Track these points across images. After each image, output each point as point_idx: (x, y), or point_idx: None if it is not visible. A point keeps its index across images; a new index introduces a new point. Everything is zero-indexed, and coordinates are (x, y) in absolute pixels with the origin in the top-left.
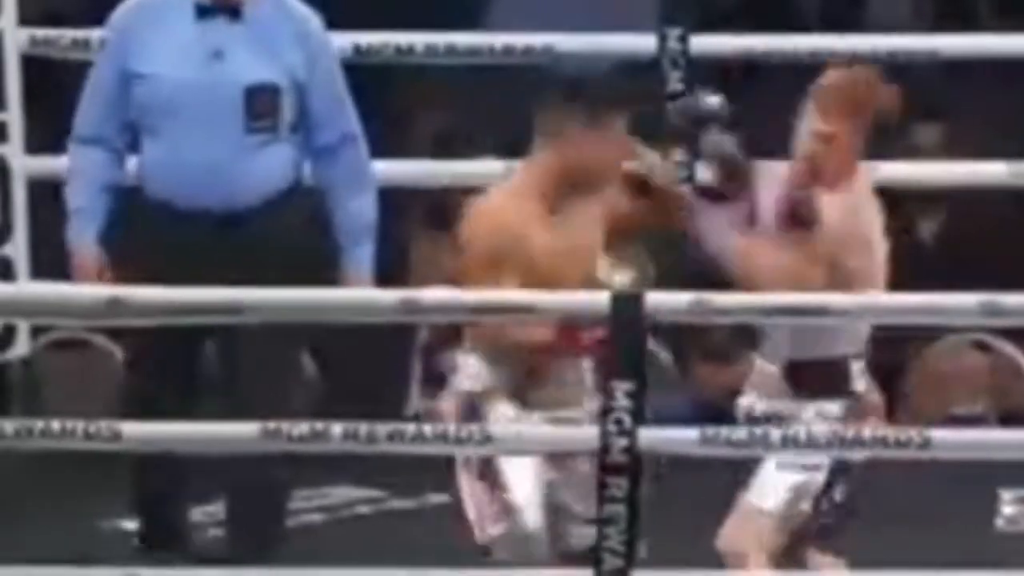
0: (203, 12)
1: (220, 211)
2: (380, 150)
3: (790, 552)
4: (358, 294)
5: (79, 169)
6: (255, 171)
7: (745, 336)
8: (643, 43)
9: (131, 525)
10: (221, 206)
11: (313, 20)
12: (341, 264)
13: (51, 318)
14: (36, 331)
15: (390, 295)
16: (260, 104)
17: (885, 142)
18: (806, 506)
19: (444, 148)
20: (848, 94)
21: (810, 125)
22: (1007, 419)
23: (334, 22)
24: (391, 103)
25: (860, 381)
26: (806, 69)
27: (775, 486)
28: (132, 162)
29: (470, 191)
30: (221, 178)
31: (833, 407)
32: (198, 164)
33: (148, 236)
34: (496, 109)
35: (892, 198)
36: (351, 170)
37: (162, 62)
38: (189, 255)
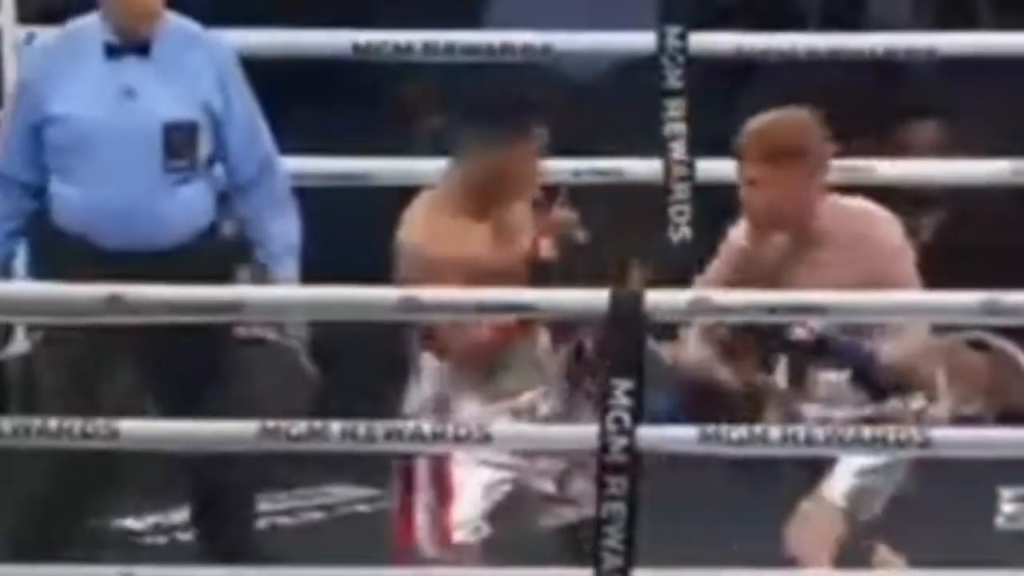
0: (112, 51)
1: (141, 250)
2: (380, 150)
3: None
4: (357, 292)
5: None
6: (175, 210)
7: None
8: (642, 41)
9: (129, 523)
10: (141, 245)
11: (223, 47)
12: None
13: (49, 317)
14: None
15: (389, 293)
16: (177, 142)
17: (885, 140)
18: (878, 507)
19: (443, 148)
20: (771, 139)
21: (737, 170)
22: (1006, 418)
23: (333, 20)
24: (391, 102)
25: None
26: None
27: (848, 481)
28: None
29: None
30: (140, 218)
31: (915, 401)
32: (115, 204)
33: (70, 272)
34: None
35: (892, 197)
36: (272, 196)
37: (74, 103)
38: None
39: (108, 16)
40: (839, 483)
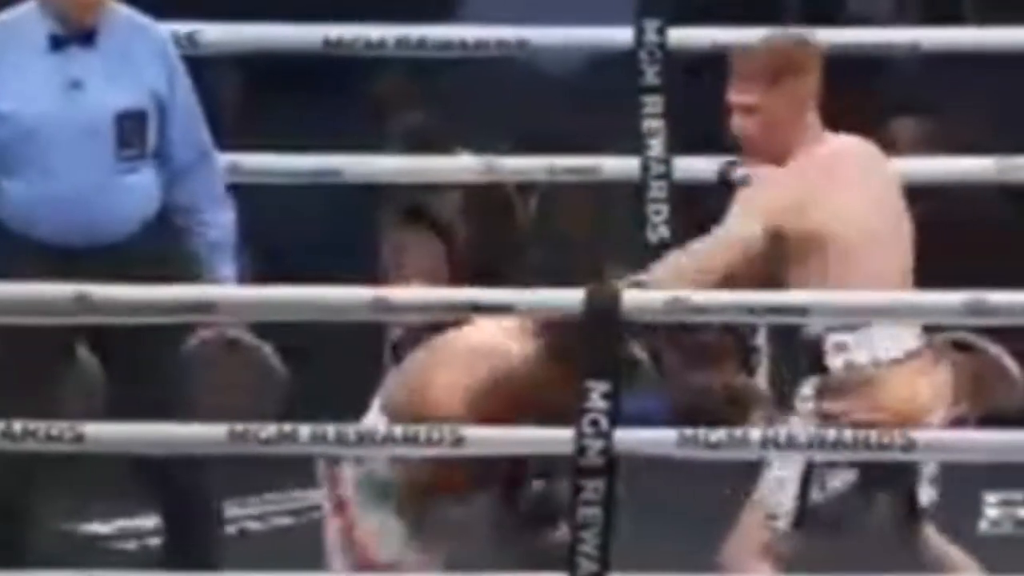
0: (57, 43)
1: (91, 243)
2: (353, 146)
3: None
4: (330, 292)
5: None
6: (127, 200)
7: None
8: (619, 36)
9: (95, 528)
10: (94, 238)
11: (167, 39)
12: (210, 280)
13: (14, 317)
14: None
15: (362, 293)
16: (129, 132)
17: (867, 137)
18: (788, 500)
19: (417, 145)
20: (764, 62)
21: (729, 97)
22: (989, 420)
23: (299, 14)
24: (363, 99)
25: (837, 357)
26: None
27: (771, 487)
28: None
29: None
30: (93, 210)
31: (806, 388)
32: (67, 198)
33: (17, 269)
34: (470, 106)
35: None
36: (210, 187)
37: (19, 98)
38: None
39: (53, 6)
40: (773, 494)
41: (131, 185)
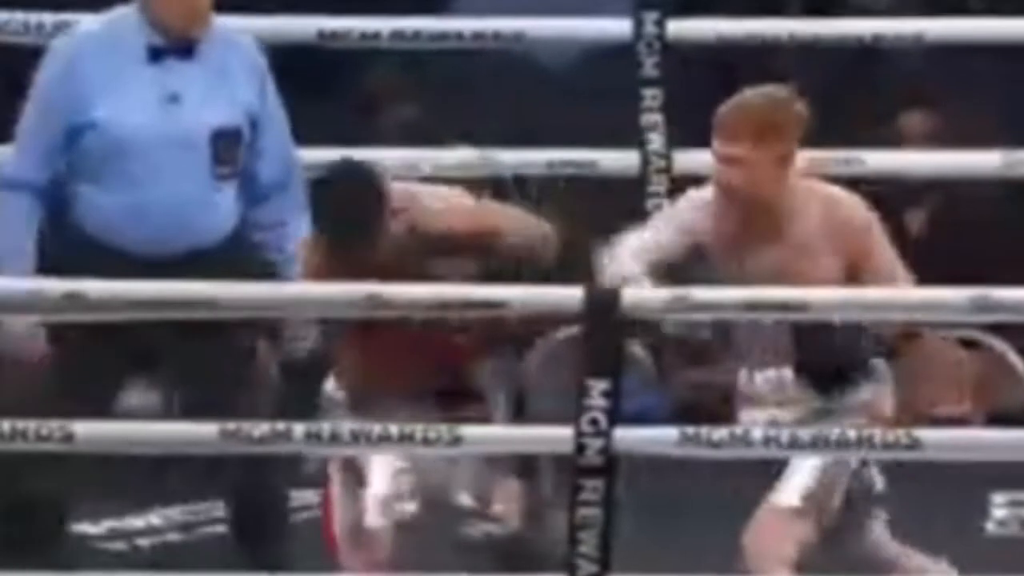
0: (156, 54)
1: (174, 255)
2: (348, 139)
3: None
4: (324, 289)
5: (12, 213)
6: (215, 215)
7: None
8: (618, 28)
9: (84, 528)
10: (178, 250)
11: (256, 49)
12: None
13: (4, 314)
14: None
15: (357, 289)
16: (224, 149)
17: (873, 130)
18: (837, 500)
19: (412, 138)
20: (753, 117)
21: (714, 148)
22: (996, 419)
23: (297, 5)
24: (356, 92)
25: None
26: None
27: (803, 480)
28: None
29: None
30: (182, 224)
31: (866, 395)
32: (157, 211)
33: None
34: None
35: (879, 189)
36: (296, 199)
37: (116, 109)
38: None
39: (155, 17)
40: (794, 484)
41: (219, 200)
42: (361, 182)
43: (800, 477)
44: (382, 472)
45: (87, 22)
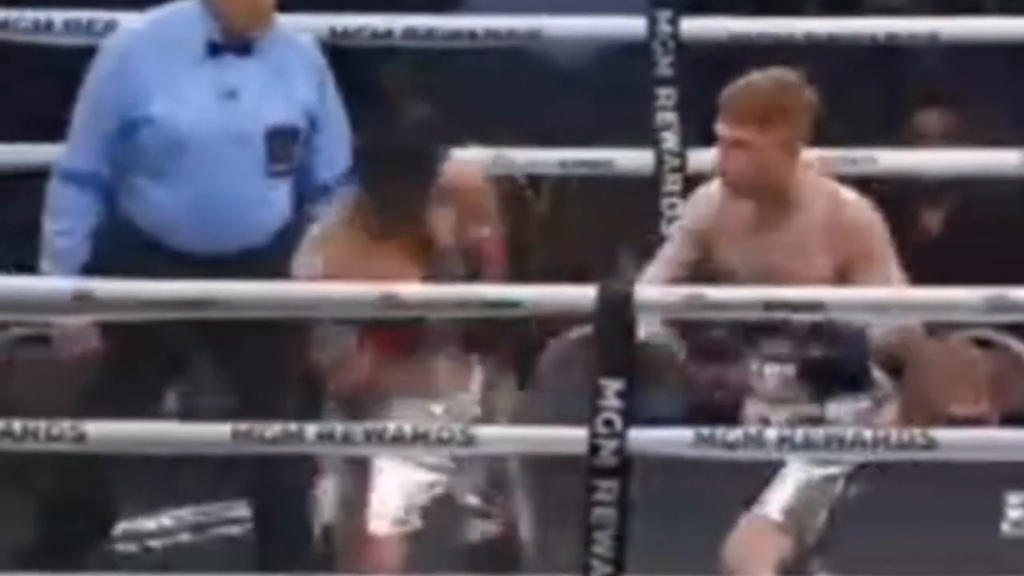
0: (214, 50)
1: (223, 252)
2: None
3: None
4: (337, 288)
5: (68, 208)
6: (267, 212)
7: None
8: (632, 26)
9: None
10: (228, 247)
11: (318, 50)
12: None
13: (12, 313)
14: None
15: (371, 289)
16: (280, 148)
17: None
18: (823, 518)
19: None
20: (758, 99)
21: (719, 131)
22: (1012, 419)
23: (310, 3)
24: (369, 91)
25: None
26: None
27: (787, 496)
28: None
29: None
30: (235, 221)
31: (862, 404)
32: (210, 207)
33: (143, 275)
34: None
35: (896, 188)
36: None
37: (171, 103)
38: None
39: (218, 12)
40: (777, 497)
41: (272, 199)
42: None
43: (784, 492)
44: (393, 480)
45: (134, 19)
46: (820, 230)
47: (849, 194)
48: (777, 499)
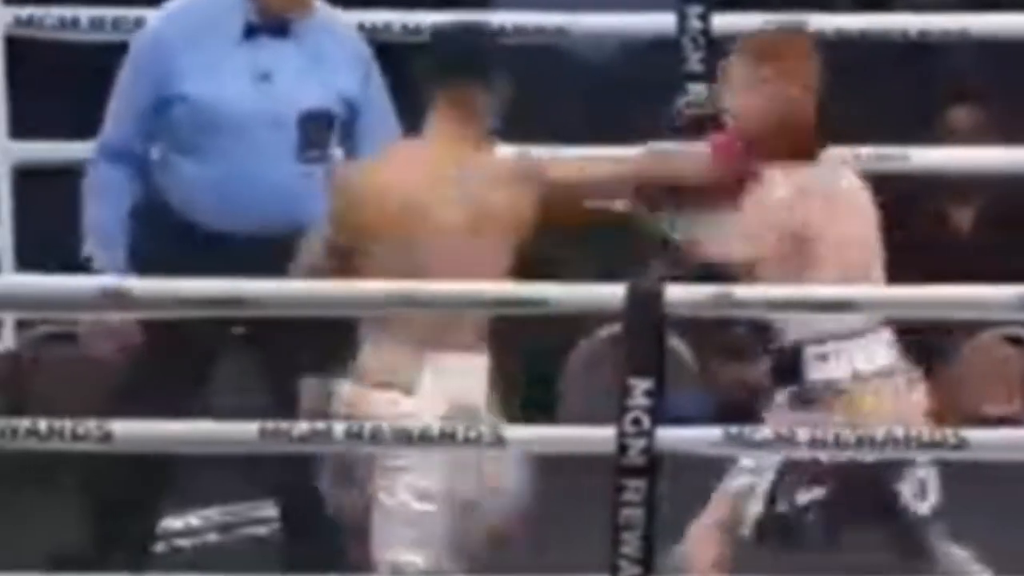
0: (251, 31)
1: (253, 235)
2: None
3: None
4: (361, 286)
5: (109, 185)
6: (304, 198)
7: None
8: (661, 22)
9: None
10: (257, 231)
11: (361, 40)
12: None
13: (41, 312)
14: (21, 325)
15: (394, 287)
16: (314, 133)
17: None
18: (756, 508)
19: None
20: (773, 40)
21: (735, 80)
22: None
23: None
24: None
25: (815, 368)
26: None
27: (717, 497)
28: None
29: None
30: (265, 203)
31: (779, 397)
32: (240, 188)
33: (192, 260)
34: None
35: (926, 185)
36: None
37: (208, 83)
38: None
39: None
40: (719, 498)
41: (307, 184)
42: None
43: (724, 492)
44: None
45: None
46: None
47: (856, 180)
48: (719, 500)
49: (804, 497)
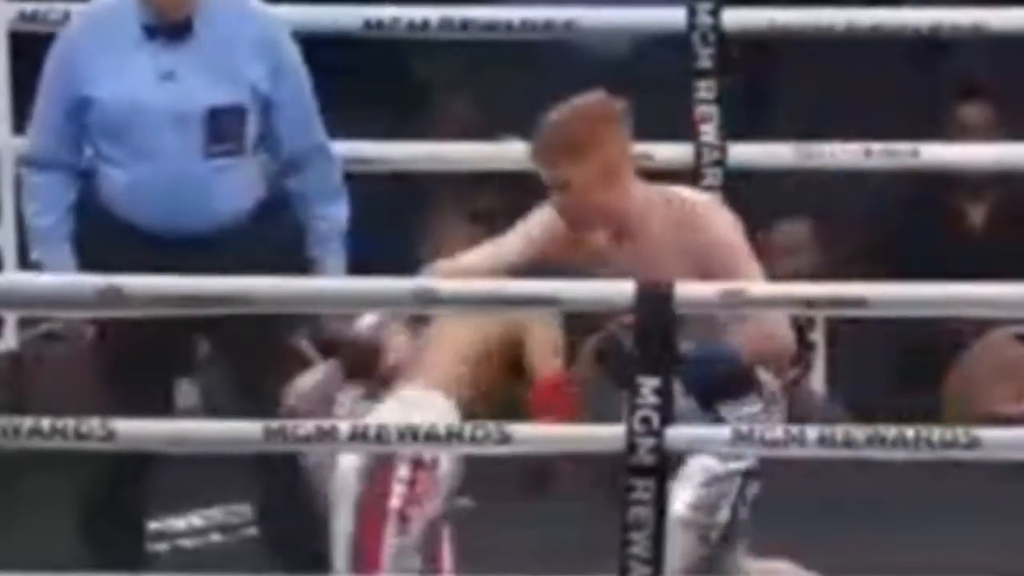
0: (151, 33)
1: (187, 233)
2: (399, 133)
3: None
4: (369, 283)
5: (40, 190)
6: (216, 193)
7: None
8: (671, 17)
9: None
10: (187, 229)
11: (278, 28)
12: (315, 274)
13: (41, 310)
14: (23, 323)
15: (404, 284)
16: (222, 127)
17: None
18: (724, 515)
19: (464, 132)
20: (567, 137)
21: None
22: None
23: None
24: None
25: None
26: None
27: (686, 498)
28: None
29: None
30: (180, 200)
31: (754, 408)
32: (156, 186)
33: (118, 258)
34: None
35: (940, 182)
36: (322, 180)
37: (112, 86)
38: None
39: None
40: (684, 495)
41: (222, 179)
42: None
43: (686, 492)
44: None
45: (87, 5)
46: (673, 251)
47: (699, 206)
48: (681, 498)
49: (750, 494)
